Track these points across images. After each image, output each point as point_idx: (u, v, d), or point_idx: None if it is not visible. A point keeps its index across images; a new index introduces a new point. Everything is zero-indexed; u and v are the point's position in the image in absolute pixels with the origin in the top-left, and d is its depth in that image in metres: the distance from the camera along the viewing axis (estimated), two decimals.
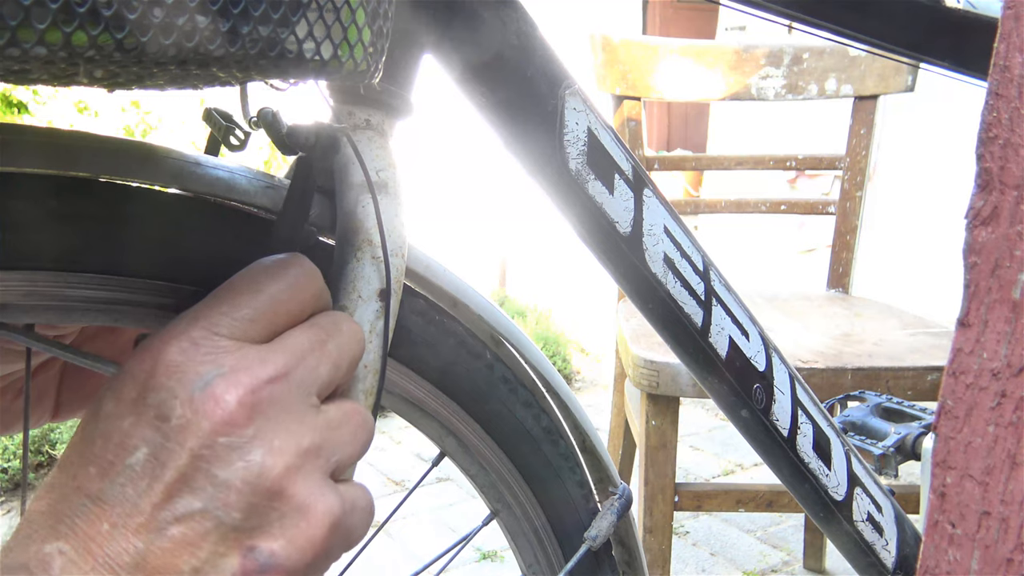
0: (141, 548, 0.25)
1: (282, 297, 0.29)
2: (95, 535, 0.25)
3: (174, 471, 0.26)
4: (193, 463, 0.26)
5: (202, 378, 0.27)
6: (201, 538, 0.26)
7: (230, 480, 0.26)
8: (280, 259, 0.31)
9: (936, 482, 0.34)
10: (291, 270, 0.30)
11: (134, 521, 0.25)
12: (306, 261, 0.31)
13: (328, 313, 0.31)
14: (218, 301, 0.29)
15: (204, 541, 0.26)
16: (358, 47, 0.25)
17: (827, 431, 0.53)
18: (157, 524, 0.25)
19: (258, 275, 0.30)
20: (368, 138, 0.36)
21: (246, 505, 0.26)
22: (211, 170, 0.33)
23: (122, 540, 0.25)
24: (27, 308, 0.31)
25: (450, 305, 0.43)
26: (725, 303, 0.48)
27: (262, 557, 0.26)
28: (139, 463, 0.26)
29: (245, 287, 0.29)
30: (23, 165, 0.29)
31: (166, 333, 0.28)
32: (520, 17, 0.39)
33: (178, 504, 0.26)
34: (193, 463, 0.26)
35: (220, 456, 0.26)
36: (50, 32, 0.19)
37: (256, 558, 0.26)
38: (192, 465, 0.26)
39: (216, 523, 0.26)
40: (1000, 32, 0.32)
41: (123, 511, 0.25)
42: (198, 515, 0.26)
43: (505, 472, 0.48)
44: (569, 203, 0.42)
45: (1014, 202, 0.31)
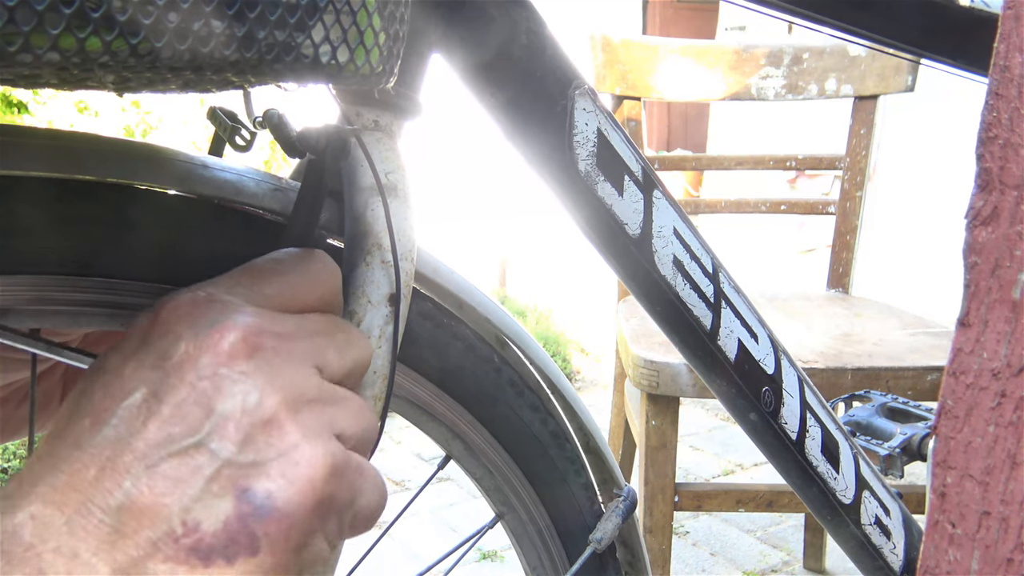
0: (128, 487, 0.23)
1: (302, 285, 0.29)
2: (78, 483, 0.23)
3: (171, 405, 0.24)
4: (190, 394, 0.25)
5: (210, 320, 0.26)
6: (193, 474, 0.24)
7: (228, 411, 0.25)
8: (306, 250, 0.31)
9: (936, 482, 0.34)
10: (315, 264, 0.30)
11: (123, 460, 0.24)
12: (330, 260, 0.31)
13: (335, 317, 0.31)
14: (239, 274, 0.29)
15: (196, 477, 0.24)
16: (374, 51, 0.25)
17: (835, 434, 0.53)
18: (148, 461, 0.24)
19: (282, 259, 0.30)
20: (377, 139, 0.35)
21: (243, 438, 0.25)
22: (218, 172, 0.33)
23: (108, 482, 0.23)
24: (33, 313, 0.31)
25: (456, 307, 0.43)
26: (734, 305, 0.48)
27: (257, 499, 0.25)
28: (136, 403, 0.25)
29: (268, 267, 0.29)
30: (28, 168, 0.29)
31: (178, 291, 0.27)
32: (530, 16, 0.38)
33: (172, 437, 0.24)
34: (190, 394, 0.25)
35: (219, 387, 0.25)
36: (63, 38, 0.18)
37: (251, 500, 0.25)
38: (189, 397, 0.25)
39: (210, 457, 0.24)
40: (1000, 32, 0.32)
41: (112, 452, 0.24)
42: (192, 449, 0.24)
43: (511, 475, 0.48)
44: (578, 204, 0.42)
45: (1014, 202, 0.31)
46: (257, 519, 0.24)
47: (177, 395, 0.25)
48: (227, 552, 0.24)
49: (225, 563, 0.24)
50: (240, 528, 0.24)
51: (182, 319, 0.26)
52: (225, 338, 0.25)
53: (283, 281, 0.29)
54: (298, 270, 0.29)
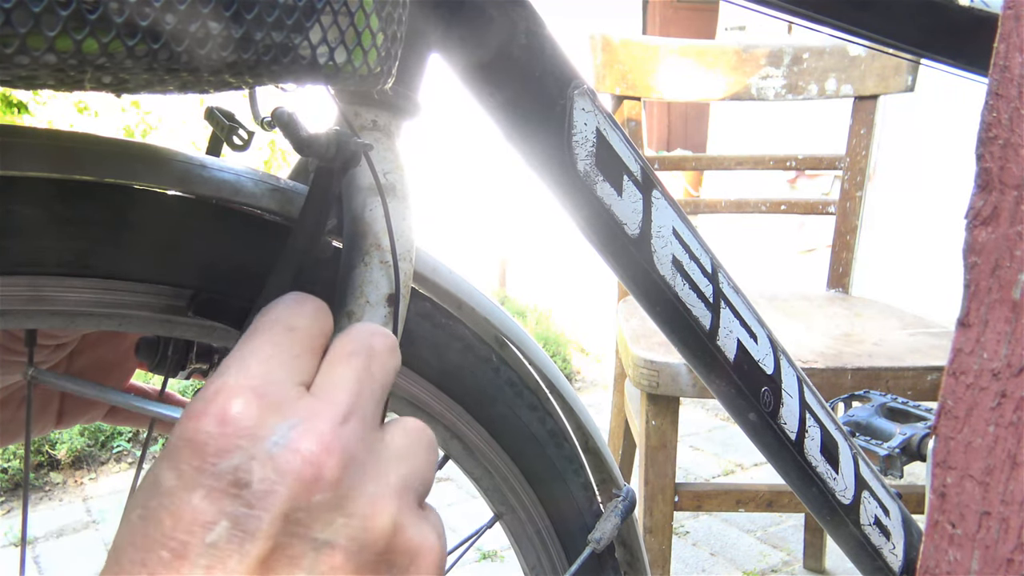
0: None
1: (314, 331, 0.28)
2: None
3: (266, 541, 0.22)
4: (287, 528, 0.23)
5: (276, 433, 0.24)
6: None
7: (333, 540, 0.23)
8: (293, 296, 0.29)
9: (936, 482, 0.34)
10: (307, 304, 0.28)
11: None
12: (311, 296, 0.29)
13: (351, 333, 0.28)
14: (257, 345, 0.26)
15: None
16: (372, 52, 0.25)
17: (835, 434, 0.53)
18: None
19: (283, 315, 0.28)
20: (375, 139, 0.35)
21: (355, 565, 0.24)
22: (217, 172, 0.33)
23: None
24: (30, 314, 0.31)
25: (455, 307, 0.43)
26: (733, 305, 0.48)
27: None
28: (221, 539, 0.22)
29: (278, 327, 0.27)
30: (26, 168, 0.29)
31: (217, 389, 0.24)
32: (529, 16, 0.38)
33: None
34: (287, 528, 0.23)
35: (317, 516, 0.23)
36: (60, 39, 0.18)
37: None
38: (287, 531, 0.23)
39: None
40: (1000, 32, 0.32)
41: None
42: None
43: (509, 475, 0.48)
44: (577, 204, 0.42)
45: (1014, 202, 0.31)
46: None
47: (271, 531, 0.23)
48: None
49: None
50: None
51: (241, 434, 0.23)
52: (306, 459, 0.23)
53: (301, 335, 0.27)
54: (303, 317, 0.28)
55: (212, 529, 0.22)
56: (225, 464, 0.23)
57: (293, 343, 0.26)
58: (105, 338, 0.44)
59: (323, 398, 0.25)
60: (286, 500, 0.23)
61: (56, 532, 1.63)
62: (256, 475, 0.23)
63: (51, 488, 1.81)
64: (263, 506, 0.23)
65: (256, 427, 0.24)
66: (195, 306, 0.33)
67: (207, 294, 0.34)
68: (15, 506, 1.71)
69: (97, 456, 1.92)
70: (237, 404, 0.24)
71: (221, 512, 0.23)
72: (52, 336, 0.40)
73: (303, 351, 0.27)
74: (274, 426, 0.24)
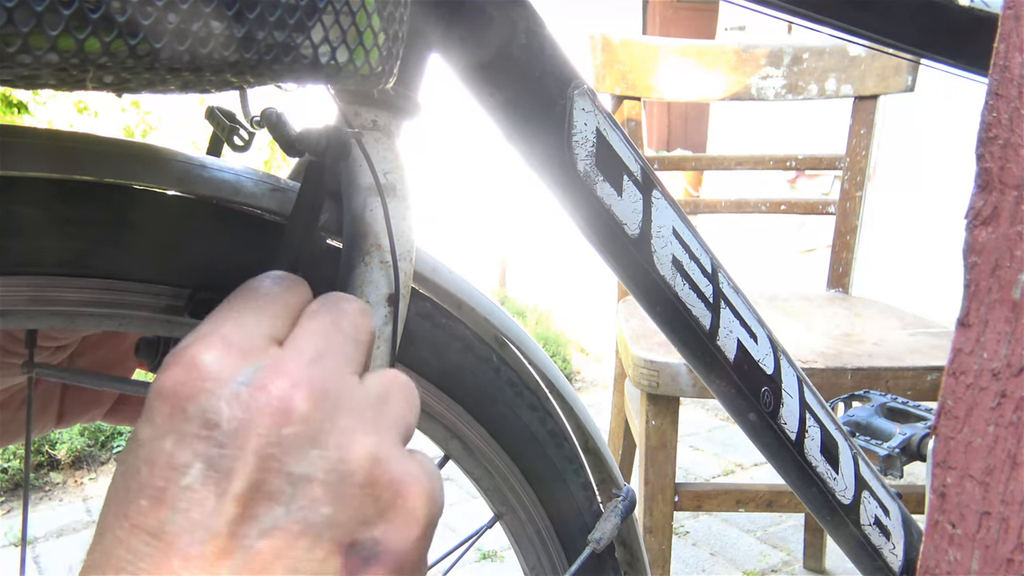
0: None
1: (290, 300, 0.28)
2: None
3: (242, 479, 0.22)
4: (262, 464, 0.23)
5: (243, 374, 0.24)
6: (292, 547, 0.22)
7: (310, 473, 0.23)
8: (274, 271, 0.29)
9: (936, 482, 0.34)
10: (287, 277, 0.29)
11: (211, 547, 0.22)
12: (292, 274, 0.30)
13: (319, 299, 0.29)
14: (231, 305, 0.27)
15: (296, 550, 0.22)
16: (373, 51, 0.25)
17: (835, 434, 0.53)
18: (239, 544, 0.22)
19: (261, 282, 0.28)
20: (375, 139, 0.35)
21: (334, 497, 0.23)
22: (217, 172, 0.33)
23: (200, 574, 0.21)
24: (31, 314, 0.31)
25: (455, 307, 0.43)
26: (733, 305, 0.48)
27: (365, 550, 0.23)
28: (197, 481, 0.22)
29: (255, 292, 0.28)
30: (26, 169, 0.29)
31: (188, 343, 0.25)
32: (529, 16, 0.38)
33: (258, 514, 0.22)
34: (262, 464, 0.23)
35: (290, 450, 0.23)
36: (62, 39, 0.18)
37: (359, 553, 0.23)
38: (261, 467, 0.23)
39: (305, 526, 0.23)
40: (1000, 32, 0.32)
41: (192, 538, 0.22)
42: (283, 521, 0.23)
43: (509, 475, 0.48)
44: (577, 204, 0.42)
45: (1014, 202, 0.31)
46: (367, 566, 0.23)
47: (245, 469, 0.23)
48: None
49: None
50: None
51: (209, 378, 0.24)
52: (274, 395, 0.23)
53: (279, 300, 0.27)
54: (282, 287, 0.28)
55: (187, 472, 0.22)
56: (193, 408, 0.23)
57: (268, 305, 0.27)
58: (105, 339, 0.44)
59: (290, 346, 0.26)
60: (256, 436, 0.23)
61: (56, 532, 1.63)
62: (224, 415, 0.23)
63: (51, 488, 1.81)
64: (235, 444, 0.23)
65: (222, 370, 0.24)
66: (193, 306, 0.33)
67: (206, 293, 0.34)
68: (15, 506, 1.71)
69: (97, 456, 1.92)
70: (204, 352, 0.24)
71: (194, 455, 0.23)
72: (52, 338, 0.40)
73: (277, 313, 0.27)
74: (240, 369, 0.24)
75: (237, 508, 0.22)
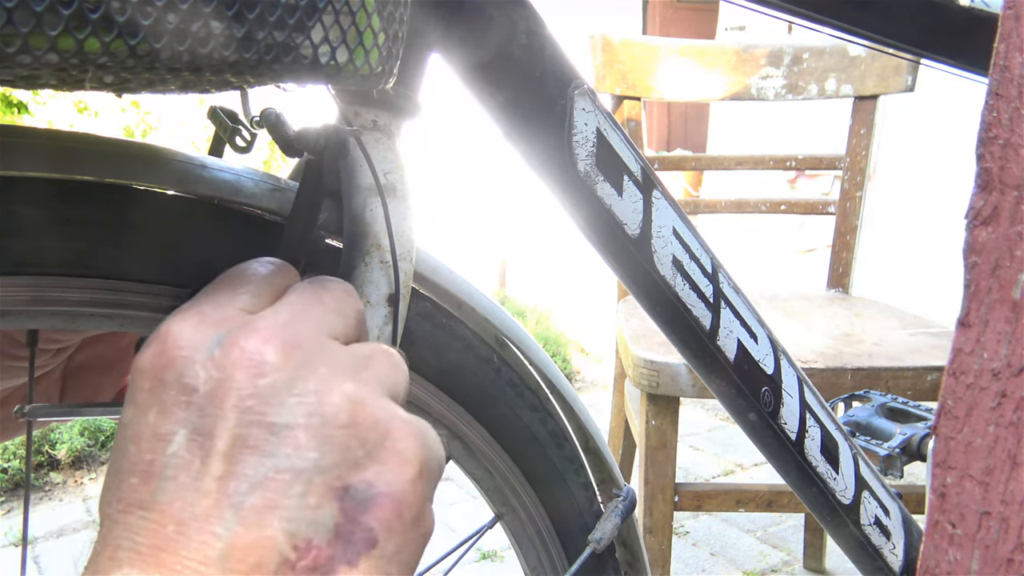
0: (223, 533, 0.21)
1: (274, 280, 0.28)
2: (163, 543, 0.21)
3: (225, 436, 0.22)
4: (242, 419, 0.23)
5: (215, 338, 0.24)
6: (284, 496, 0.22)
7: (291, 421, 0.23)
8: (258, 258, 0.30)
9: (936, 482, 0.34)
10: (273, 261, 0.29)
11: (202, 508, 0.22)
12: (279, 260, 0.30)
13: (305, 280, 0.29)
14: (213, 285, 0.27)
15: (288, 498, 0.22)
16: (373, 51, 0.25)
17: (835, 434, 0.53)
18: (230, 500, 0.22)
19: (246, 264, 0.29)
20: (376, 139, 0.35)
21: (319, 441, 0.23)
22: (217, 172, 0.33)
23: (196, 534, 0.21)
24: (31, 314, 0.31)
25: (455, 307, 0.43)
26: (734, 305, 0.48)
27: (360, 493, 0.23)
28: (182, 447, 0.22)
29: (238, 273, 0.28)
30: (26, 169, 0.29)
31: (167, 320, 0.25)
32: (529, 16, 0.38)
33: (245, 469, 0.22)
34: (242, 419, 0.23)
35: (269, 400, 0.23)
36: (62, 39, 0.18)
37: (354, 497, 0.23)
38: (242, 422, 0.23)
39: (294, 473, 0.22)
40: (1000, 32, 0.32)
41: (185, 503, 0.22)
42: (272, 472, 0.22)
43: (510, 475, 0.48)
44: (577, 204, 0.42)
45: (1014, 202, 0.31)
46: (365, 510, 0.23)
47: (226, 425, 0.23)
48: (348, 556, 0.23)
49: (348, 567, 0.23)
50: (352, 528, 0.23)
51: (183, 346, 0.24)
52: (246, 351, 0.23)
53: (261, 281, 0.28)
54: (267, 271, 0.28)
55: (171, 440, 0.23)
56: (171, 375, 0.23)
57: (247, 283, 0.27)
58: (104, 336, 0.44)
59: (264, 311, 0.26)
60: (233, 391, 0.23)
61: (56, 532, 1.63)
62: (201, 378, 0.23)
63: (51, 488, 1.81)
64: (213, 403, 0.23)
65: (196, 338, 0.24)
66: None
67: None
68: (15, 506, 1.71)
69: (97, 456, 1.92)
70: (179, 324, 0.24)
71: (176, 422, 0.23)
72: (53, 340, 0.40)
73: (257, 291, 0.27)
74: (213, 334, 0.24)
75: (224, 465, 0.22)
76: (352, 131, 0.31)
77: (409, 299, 0.37)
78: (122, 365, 0.46)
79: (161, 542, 0.21)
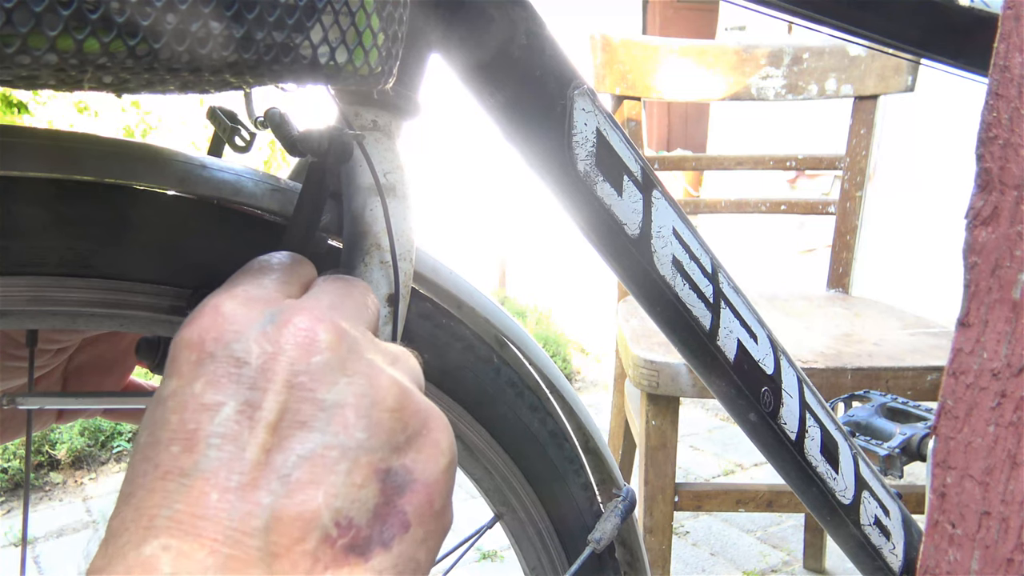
0: (268, 503, 0.21)
1: (300, 270, 0.29)
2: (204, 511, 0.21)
3: (275, 409, 0.22)
4: (293, 394, 0.23)
5: (266, 315, 0.24)
6: (331, 472, 0.22)
7: (341, 400, 0.23)
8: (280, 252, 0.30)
9: (936, 482, 0.34)
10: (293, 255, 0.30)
11: (248, 478, 0.21)
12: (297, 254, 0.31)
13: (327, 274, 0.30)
14: (245, 271, 0.28)
15: (334, 475, 0.22)
16: (372, 52, 0.25)
17: (835, 434, 0.53)
18: (277, 471, 0.22)
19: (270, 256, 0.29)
20: (375, 139, 0.35)
21: (368, 422, 0.23)
22: (217, 173, 0.33)
23: (240, 503, 0.21)
24: (31, 314, 0.31)
25: (455, 307, 0.43)
26: (734, 306, 0.48)
27: (399, 477, 0.23)
28: (229, 418, 0.22)
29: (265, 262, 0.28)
30: (26, 169, 0.29)
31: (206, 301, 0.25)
32: (529, 16, 0.39)
33: (293, 443, 0.22)
34: (293, 394, 0.23)
35: (320, 378, 0.23)
36: (61, 39, 0.18)
37: (393, 480, 0.23)
38: (293, 396, 0.23)
39: (342, 451, 0.23)
40: (1000, 32, 0.32)
41: (229, 471, 0.21)
42: (320, 448, 0.22)
43: (510, 475, 0.48)
44: (577, 204, 0.42)
45: (1014, 202, 0.31)
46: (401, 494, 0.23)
47: (277, 399, 0.23)
48: (383, 538, 0.23)
49: (383, 549, 0.23)
50: (389, 510, 0.23)
51: (235, 321, 0.24)
52: (300, 328, 0.24)
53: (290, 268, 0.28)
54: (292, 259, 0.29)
55: (219, 411, 0.22)
56: (221, 350, 0.23)
57: (280, 272, 0.28)
58: (104, 336, 0.44)
59: (308, 296, 0.27)
60: (286, 366, 0.23)
61: (56, 532, 1.63)
62: (254, 352, 0.23)
63: (51, 488, 1.81)
64: (265, 377, 0.23)
65: (247, 314, 0.24)
66: (193, 304, 0.33)
67: (206, 291, 0.34)
68: (15, 506, 1.71)
69: (97, 456, 1.92)
70: (228, 301, 0.24)
71: (225, 394, 0.23)
72: (53, 340, 0.40)
73: (288, 280, 0.28)
74: (264, 311, 0.24)
75: (272, 438, 0.22)
76: (355, 134, 0.31)
77: (409, 299, 0.37)
78: (122, 365, 0.46)
79: (202, 510, 0.21)
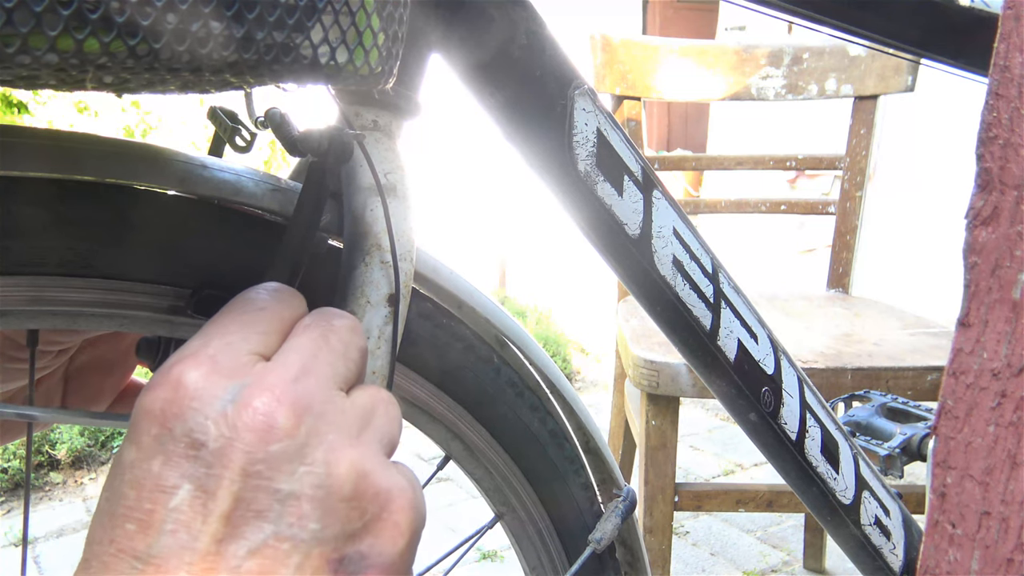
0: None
1: (283, 313, 0.28)
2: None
3: (229, 498, 0.22)
4: (248, 483, 0.23)
5: (228, 392, 0.24)
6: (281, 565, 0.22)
7: (297, 490, 0.23)
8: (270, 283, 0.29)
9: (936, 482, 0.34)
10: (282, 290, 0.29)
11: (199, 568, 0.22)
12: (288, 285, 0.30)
13: (311, 313, 0.29)
14: (222, 320, 0.27)
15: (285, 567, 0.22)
16: (373, 52, 0.25)
17: (835, 434, 0.53)
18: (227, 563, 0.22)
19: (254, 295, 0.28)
20: (376, 139, 0.35)
21: (322, 513, 0.23)
22: (218, 173, 0.33)
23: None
24: (32, 314, 0.31)
25: (456, 307, 0.43)
26: (734, 305, 0.48)
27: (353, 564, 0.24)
28: (184, 503, 0.22)
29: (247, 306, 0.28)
30: (27, 169, 0.29)
31: (175, 361, 0.25)
32: (530, 16, 0.38)
33: (246, 533, 0.22)
34: (248, 483, 0.23)
35: (277, 467, 0.23)
36: (62, 39, 0.18)
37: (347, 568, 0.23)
38: (248, 485, 0.23)
39: (294, 543, 0.23)
40: (1000, 32, 0.32)
41: (181, 561, 0.22)
42: (272, 539, 0.22)
43: (510, 475, 0.48)
44: (577, 204, 0.42)
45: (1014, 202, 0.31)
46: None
47: (232, 487, 0.22)
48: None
49: None
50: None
51: (194, 396, 0.23)
52: (259, 412, 0.23)
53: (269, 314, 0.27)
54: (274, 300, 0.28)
55: (175, 494, 0.22)
56: (180, 427, 0.23)
57: (259, 321, 0.27)
58: (105, 336, 0.44)
59: (276, 361, 0.26)
60: (243, 454, 0.23)
61: (56, 532, 1.63)
62: (211, 434, 0.23)
63: (51, 488, 1.81)
64: (221, 463, 0.23)
65: (208, 389, 0.24)
66: (194, 304, 0.33)
67: (207, 291, 0.34)
68: (15, 506, 1.71)
69: (97, 456, 1.92)
70: (191, 371, 0.24)
71: (182, 476, 0.23)
72: (54, 341, 0.40)
73: (269, 329, 0.27)
74: (227, 387, 0.24)
75: (225, 527, 0.22)
76: (355, 134, 0.31)
77: (409, 299, 0.37)
78: (123, 367, 0.46)
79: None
